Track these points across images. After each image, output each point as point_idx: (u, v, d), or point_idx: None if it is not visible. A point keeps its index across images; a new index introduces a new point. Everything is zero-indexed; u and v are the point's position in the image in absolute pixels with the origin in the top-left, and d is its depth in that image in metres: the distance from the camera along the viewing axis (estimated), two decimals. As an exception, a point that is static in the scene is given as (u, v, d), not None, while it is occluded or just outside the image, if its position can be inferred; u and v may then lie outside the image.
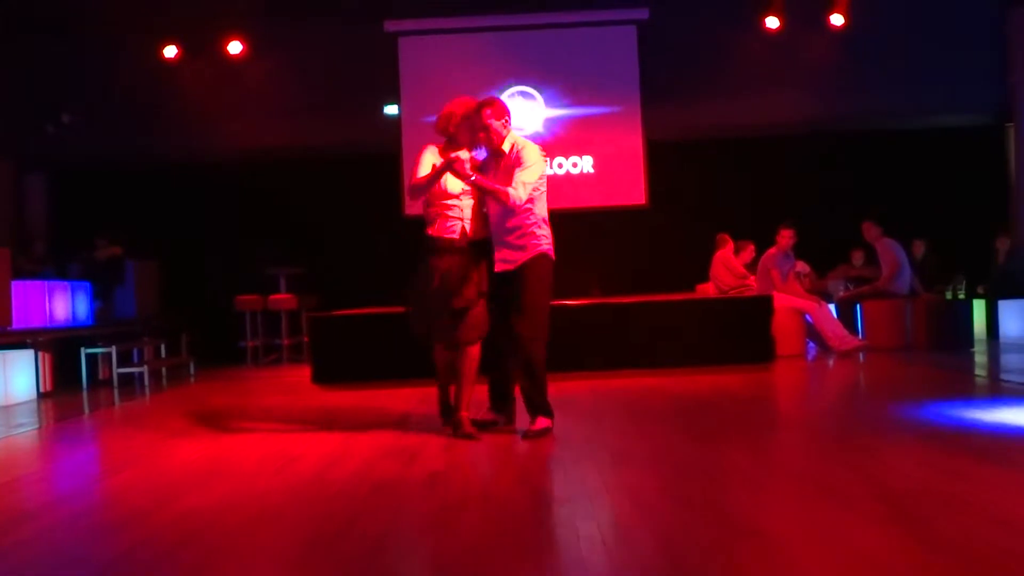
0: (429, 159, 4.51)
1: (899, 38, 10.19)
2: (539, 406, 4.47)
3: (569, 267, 10.61)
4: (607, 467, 3.71)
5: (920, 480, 3.27)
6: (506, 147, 4.50)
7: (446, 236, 4.45)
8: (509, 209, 4.37)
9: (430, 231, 4.51)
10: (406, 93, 10.28)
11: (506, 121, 4.52)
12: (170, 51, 10.27)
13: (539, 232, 4.46)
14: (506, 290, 4.47)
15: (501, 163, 4.51)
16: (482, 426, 4.60)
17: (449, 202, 4.46)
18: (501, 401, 4.74)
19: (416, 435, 4.68)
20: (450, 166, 4.29)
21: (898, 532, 2.64)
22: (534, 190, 4.42)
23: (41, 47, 10.02)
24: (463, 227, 4.46)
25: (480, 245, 4.51)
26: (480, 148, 4.66)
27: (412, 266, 4.66)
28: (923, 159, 10.66)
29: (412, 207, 9.84)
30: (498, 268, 4.48)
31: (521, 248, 4.43)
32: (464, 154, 4.45)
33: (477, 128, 4.51)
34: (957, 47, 10.16)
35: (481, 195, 4.47)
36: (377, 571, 2.50)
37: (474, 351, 4.49)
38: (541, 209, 4.50)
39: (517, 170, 4.38)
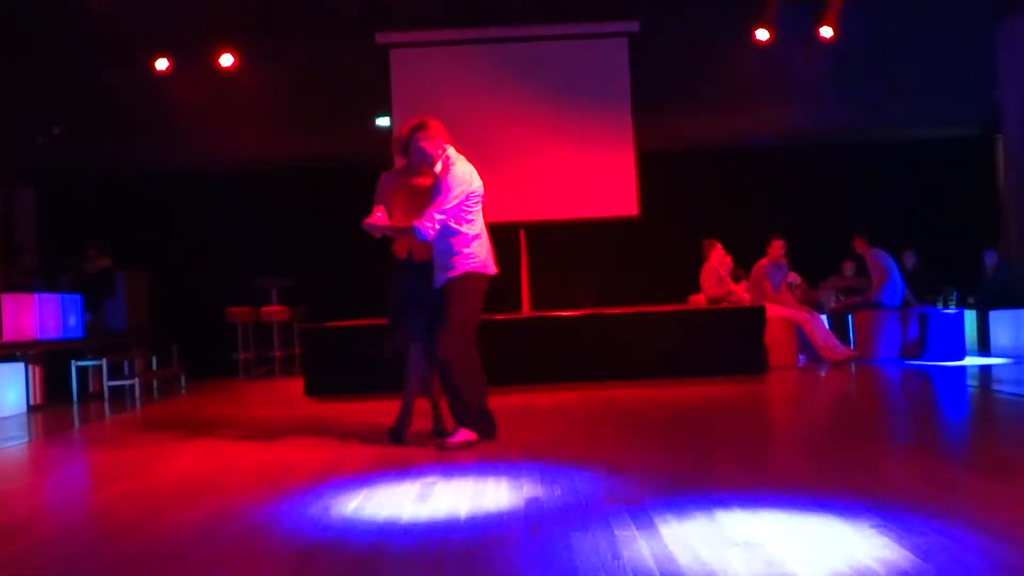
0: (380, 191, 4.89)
1: (888, 50, 10.26)
2: (462, 419, 4.58)
3: (561, 278, 10.75)
4: (602, 477, 3.71)
5: (912, 490, 3.28)
6: (439, 168, 4.61)
7: (397, 255, 4.85)
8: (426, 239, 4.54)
9: (392, 248, 4.91)
10: (397, 105, 10.27)
11: (438, 141, 4.62)
12: (161, 63, 10.27)
13: (467, 251, 4.59)
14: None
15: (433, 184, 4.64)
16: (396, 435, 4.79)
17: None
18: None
19: (409, 446, 4.66)
20: (370, 229, 4.66)
21: (890, 542, 2.64)
22: (463, 210, 4.54)
23: (31, 59, 10.00)
24: (409, 248, 4.77)
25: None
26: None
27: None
28: (912, 170, 10.73)
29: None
30: (435, 284, 4.66)
31: (451, 267, 4.59)
32: (381, 213, 4.71)
33: (411, 151, 4.66)
34: (946, 59, 10.23)
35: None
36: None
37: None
38: (472, 228, 4.61)
39: (433, 199, 4.51)
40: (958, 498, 3.16)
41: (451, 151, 4.64)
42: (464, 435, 4.55)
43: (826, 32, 10.19)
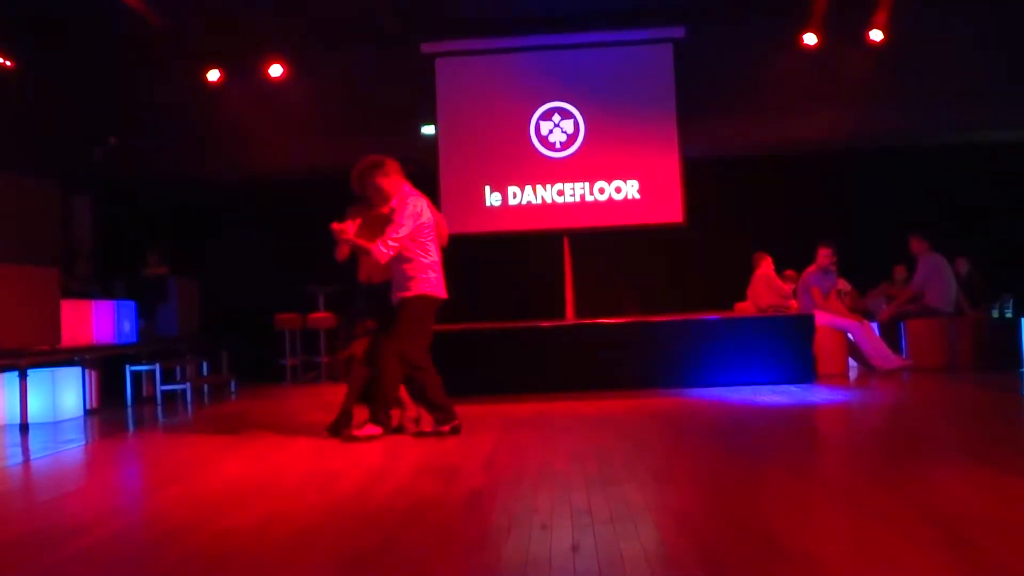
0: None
1: (939, 53, 10.05)
2: (375, 415, 5.25)
3: (605, 285, 10.71)
4: (649, 486, 3.68)
5: (970, 503, 3.20)
6: (395, 202, 5.28)
7: (359, 279, 5.65)
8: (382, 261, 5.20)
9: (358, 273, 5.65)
10: (443, 114, 10.36)
11: (394, 179, 5.32)
12: (213, 75, 10.49)
13: (421, 276, 5.28)
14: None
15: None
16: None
17: None
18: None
19: (456, 453, 4.69)
20: (338, 237, 5.29)
21: (948, 556, 2.59)
22: (416, 241, 5.25)
23: (87, 70, 10.28)
24: (368, 273, 5.54)
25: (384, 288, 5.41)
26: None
27: (453, 284, 5.46)
28: (966, 174, 10.49)
29: (452, 226, 9.96)
30: (392, 302, 5.34)
31: (406, 288, 5.28)
32: (348, 226, 5.35)
33: (367, 187, 5.32)
34: (999, 61, 10.01)
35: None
36: (420, 589, 2.50)
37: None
38: (426, 256, 5.29)
39: (388, 228, 5.20)
40: (1018, 511, 3.08)
41: (406, 187, 5.35)
42: (372, 429, 5.22)
43: (876, 36, 10.02)
